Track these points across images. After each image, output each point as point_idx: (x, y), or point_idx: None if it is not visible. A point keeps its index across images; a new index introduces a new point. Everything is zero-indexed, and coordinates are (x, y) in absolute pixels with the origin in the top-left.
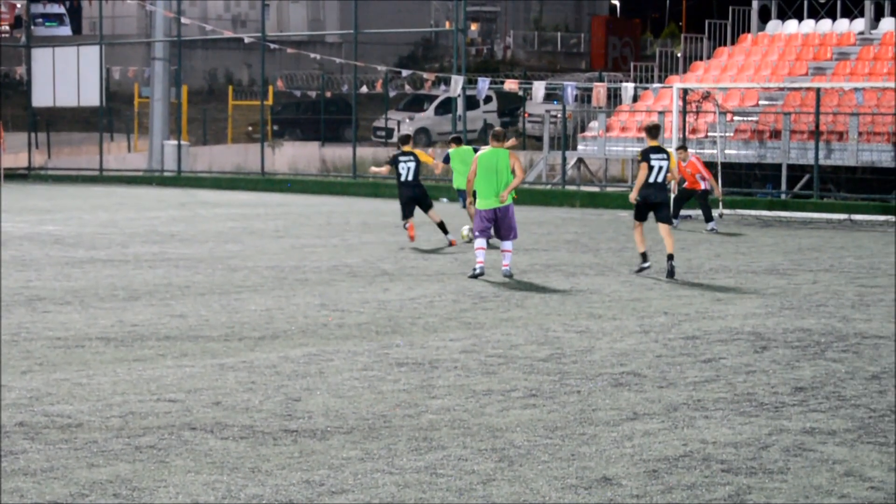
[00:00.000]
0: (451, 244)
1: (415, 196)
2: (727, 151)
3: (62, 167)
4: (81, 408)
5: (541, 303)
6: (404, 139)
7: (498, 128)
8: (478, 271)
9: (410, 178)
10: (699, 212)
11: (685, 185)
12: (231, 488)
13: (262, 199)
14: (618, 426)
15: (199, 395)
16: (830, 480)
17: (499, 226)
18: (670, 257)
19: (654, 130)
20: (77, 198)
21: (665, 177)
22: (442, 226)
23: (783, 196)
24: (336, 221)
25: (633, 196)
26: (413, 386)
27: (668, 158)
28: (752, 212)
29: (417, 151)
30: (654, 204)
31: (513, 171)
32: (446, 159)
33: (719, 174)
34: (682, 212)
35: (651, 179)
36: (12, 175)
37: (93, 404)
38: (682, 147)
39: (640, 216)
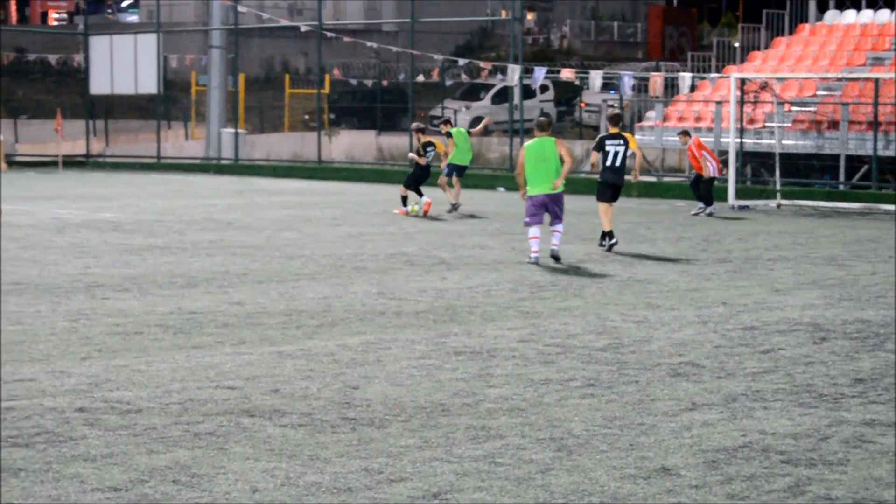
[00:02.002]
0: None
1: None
2: (785, 142)
3: (120, 154)
4: (140, 394)
5: (598, 292)
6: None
7: (542, 118)
8: (533, 259)
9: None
10: (757, 201)
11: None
12: (290, 475)
13: (318, 187)
14: (676, 416)
15: (257, 383)
16: (890, 472)
17: (550, 210)
18: (607, 235)
19: (615, 119)
20: (134, 185)
21: (623, 160)
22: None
23: (841, 187)
24: (393, 209)
25: (592, 161)
26: (471, 375)
27: (627, 143)
28: (811, 202)
29: (435, 140)
30: (614, 184)
31: (561, 159)
32: (448, 135)
33: (777, 164)
34: (740, 202)
35: (608, 163)
36: (70, 162)
37: (152, 391)
38: (685, 132)
39: (603, 198)
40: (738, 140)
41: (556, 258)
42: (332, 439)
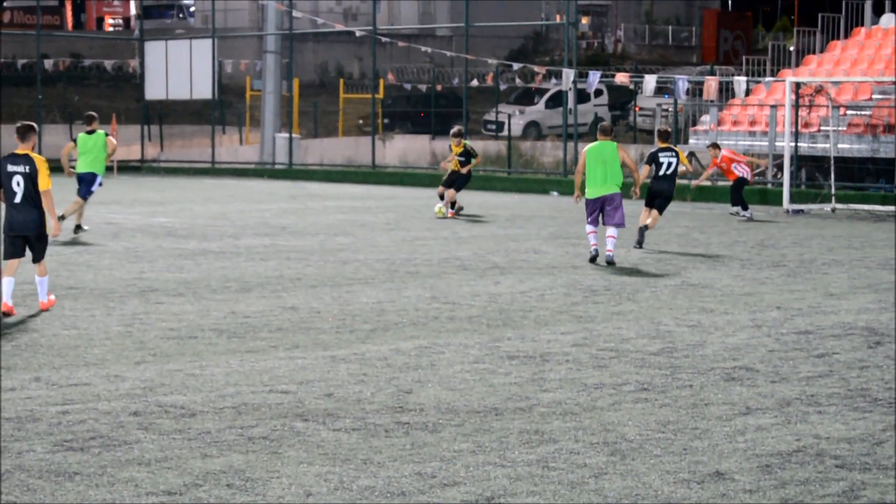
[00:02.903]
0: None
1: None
2: (840, 146)
3: (174, 159)
4: (194, 398)
5: (652, 297)
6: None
7: (605, 122)
8: (593, 253)
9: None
10: (811, 205)
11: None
12: (343, 480)
13: (372, 191)
14: (730, 421)
15: (310, 387)
16: None
17: (603, 212)
18: (645, 227)
19: (664, 134)
20: (189, 190)
21: (674, 171)
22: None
23: None
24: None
25: (635, 192)
26: (524, 379)
27: (677, 155)
28: (865, 206)
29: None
30: (660, 192)
31: (624, 164)
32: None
33: (832, 168)
34: (794, 206)
35: (661, 173)
36: (125, 167)
37: (206, 395)
38: (714, 145)
39: (649, 203)
40: (793, 144)
41: (611, 264)
42: (386, 443)
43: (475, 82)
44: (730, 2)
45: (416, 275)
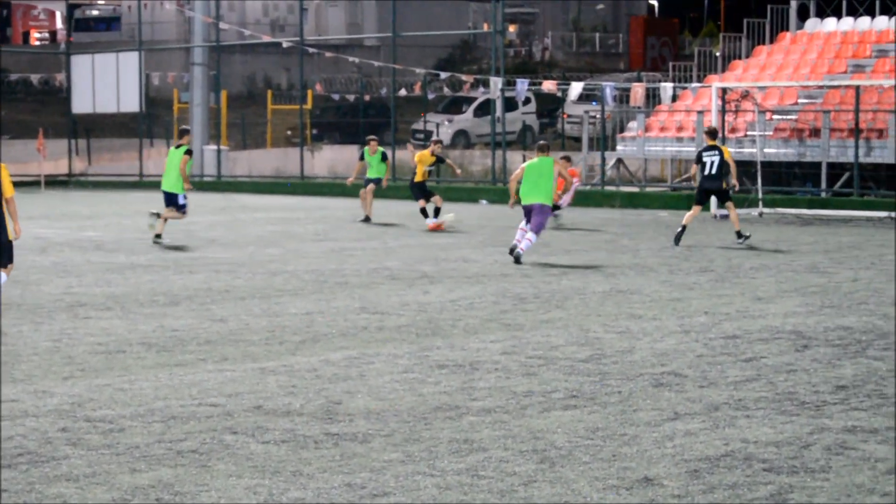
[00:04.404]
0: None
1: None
2: (767, 150)
3: (102, 173)
4: (123, 413)
5: (580, 304)
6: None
7: (542, 142)
8: (512, 245)
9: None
10: (739, 210)
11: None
12: (273, 492)
13: (301, 202)
14: (659, 426)
15: (240, 399)
16: (872, 479)
17: (530, 218)
18: (738, 234)
19: (712, 132)
20: (117, 204)
21: (720, 168)
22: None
23: (823, 194)
24: (375, 224)
25: (695, 182)
26: (453, 388)
27: (722, 153)
28: (792, 210)
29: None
30: (713, 191)
31: (561, 176)
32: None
33: (759, 173)
34: (722, 211)
35: (706, 172)
36: (53, 182)
37: (134, 409)
38: (566, 158)
39: (699, 201)
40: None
41: (517, 259)
42: (315, 455)
43: (403, 92)
44: (656, 8)
45: (345, 285)
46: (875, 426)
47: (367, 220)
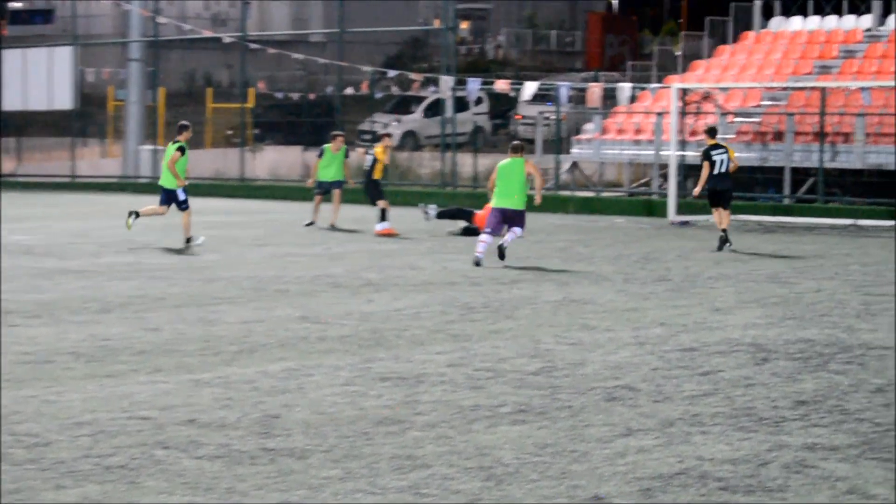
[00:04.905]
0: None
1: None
2: None
3: (33, 174)
4: (49, 426)
5: (531, 314)
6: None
7: (515, 142)
8: (477, 258)
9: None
10: (698, 217)
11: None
12: None
13: (241, 206)
14: (610, 443)
15: (172, 413)
16: (832, 498)
17: (510, 223)
18: (724, 231)
19: (712, 131)
20: (48, 205)
21: (727, 168)
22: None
23: (786, 200)
24: (319, 229)
25: (696, 191)
26: (397, 402)
27: (727, 151)
28: (754, 217)
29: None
30: (721, 191)
31: (530, 176)
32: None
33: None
34: (681, 217)
35: (716, 171)
36: None
37: (61, 423)
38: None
39: (715, 203)
40: (680, 152)
41: (502, 254)
42: (251, 471)
43: (350, 90)
44: (615, 6)
45: (285, 293)
46: (836, 443)
47: (318, 225)
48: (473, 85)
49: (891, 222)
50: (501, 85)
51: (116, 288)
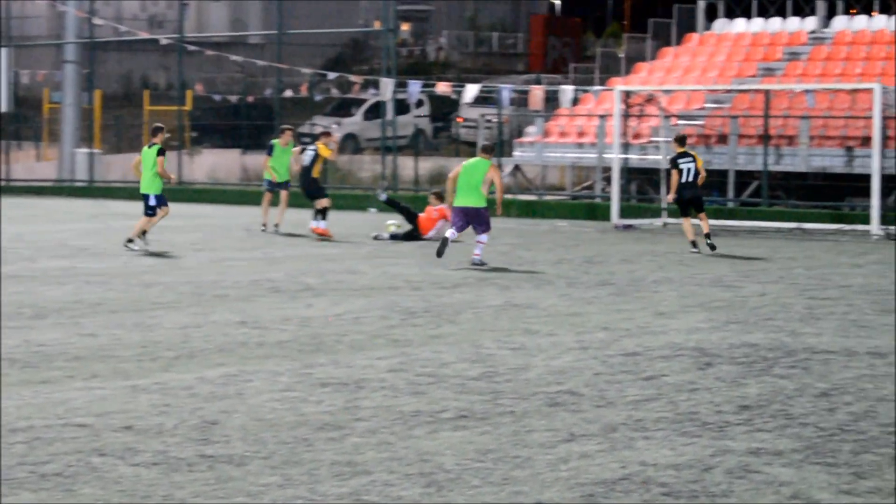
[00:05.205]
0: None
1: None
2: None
3: None
4: None
5: (473, 318)
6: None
7: (486, 142)
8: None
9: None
10: (642, 220)
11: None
12: None
13: (179, 210)
14: (553, 448)
15: (109, 419)
16: (776, 503)
17: (472, 221)
18: (707, 235)
19: (681, 139)
20: None
21: (695, 176)
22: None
23: (730, 204)
24: (258, 233)
25: (670, 198)
26: (337, 407)
27: (695, 160)
28: (698, 221)
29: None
30: (690, 199)
31: (492, 184)
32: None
33: (663, 181)
34: (624, 221)
35: (683, 180)
36: None
37: None
38: (438, 196)
39: (684, 213)
40: (623, 156)
41: (480, 265)
42: (189, 478)
43: (289, 93)
44: (558, 7)
45: (224, 298)
46: (780, 448)
47: (266, 227)
48: (414, 87)
49: (835, 226)
50: (443, 87)
51: (51, 293)
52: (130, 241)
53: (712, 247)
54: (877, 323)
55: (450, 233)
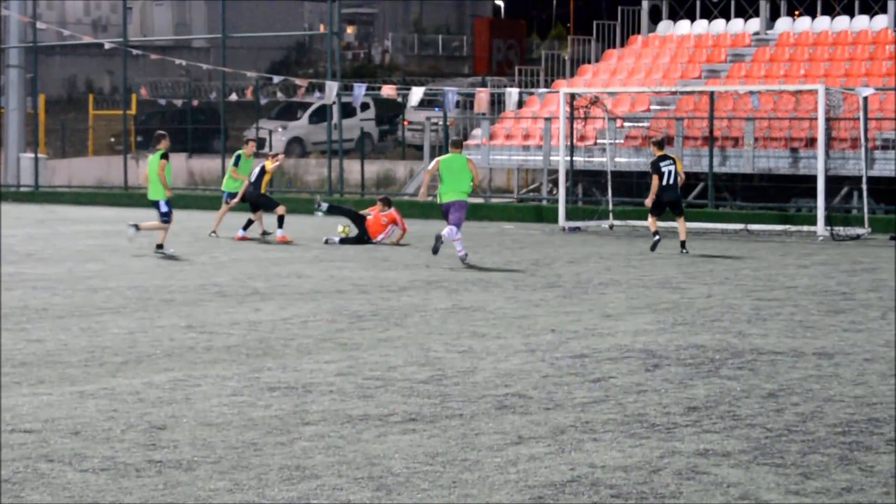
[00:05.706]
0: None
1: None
2: (617, 159)
3: None
4: None
5: (421, 321)
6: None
7: (456, 137)
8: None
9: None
10: (588, 222)
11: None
12: None
13: (125, 214)
14: (502, 451)
15: (56, 425)
16: None
17: (451, 214)
18: (682, 244)
19: (661, 143)
20: None
21: (675, 179)
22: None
23: None
24: (204, 237)
25: (648, 202)
26: (285, 412)
27: (675, 163)
28: (644, 223)
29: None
30: (670, 202)
31: (471, 172)
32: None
33: (609, 183)
34: (570, 223)
35: (664, 182)
36: None
37: None
38: (386, 201)
39: (657, 212)
40: (568, 158)
41: (463, 260)
42: (137, 484)
43: (234, 97)
44: (502, 9)
45: (171, 302)
46: (728, 449)
47: (207, 233)
48: (359, 90)
49: (781, 227)
50: (388, 90)
51: None
52: (160, 246)
53: (684, 249)
54: (823, 324)
55: (446, 231)
